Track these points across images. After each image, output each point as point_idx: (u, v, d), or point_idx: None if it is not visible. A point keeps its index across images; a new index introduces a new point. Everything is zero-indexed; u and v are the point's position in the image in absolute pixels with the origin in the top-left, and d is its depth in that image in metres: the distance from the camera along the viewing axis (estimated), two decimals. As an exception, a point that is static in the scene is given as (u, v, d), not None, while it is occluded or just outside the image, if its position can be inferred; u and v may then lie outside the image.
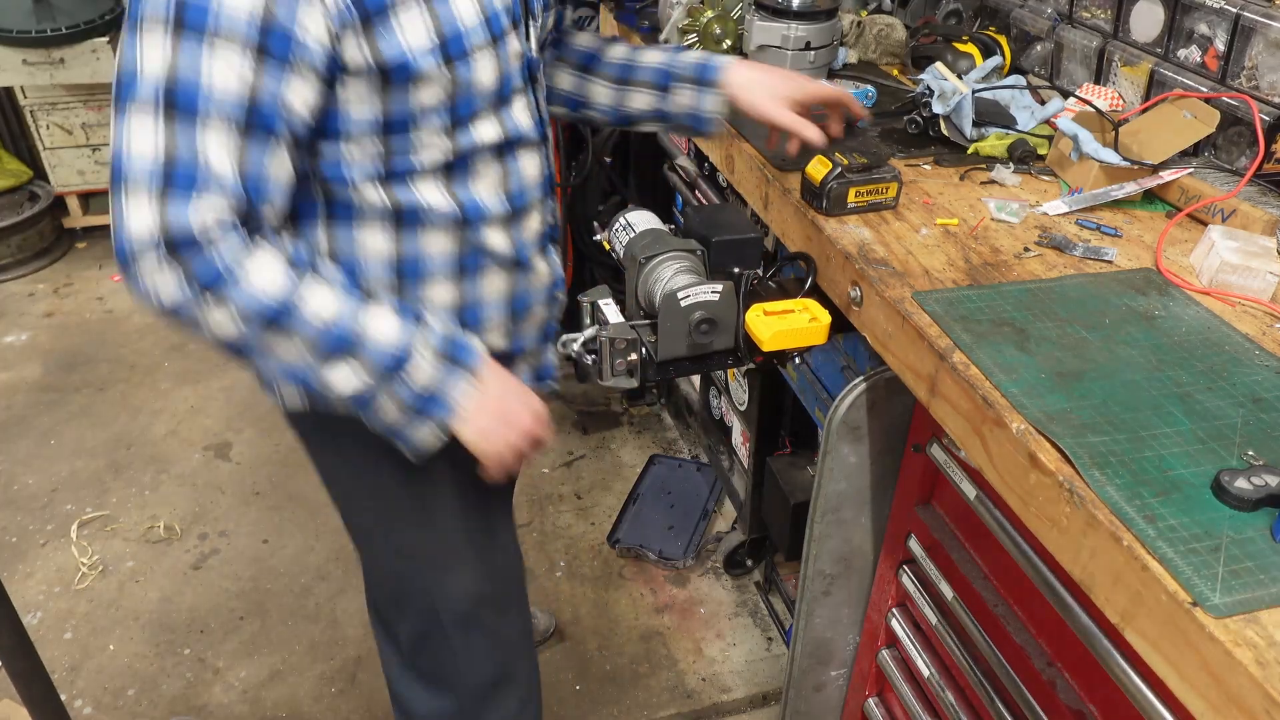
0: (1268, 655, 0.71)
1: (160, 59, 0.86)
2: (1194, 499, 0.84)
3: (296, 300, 0.94)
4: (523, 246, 1.16)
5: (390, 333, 0.99)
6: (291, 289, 0.94)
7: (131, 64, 0.87)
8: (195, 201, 0.88)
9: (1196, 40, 1.47)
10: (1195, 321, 1.10)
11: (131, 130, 0.87)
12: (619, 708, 2.04)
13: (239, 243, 0.91)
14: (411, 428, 1.04)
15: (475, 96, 1.03)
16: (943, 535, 1.23)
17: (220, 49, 0.86)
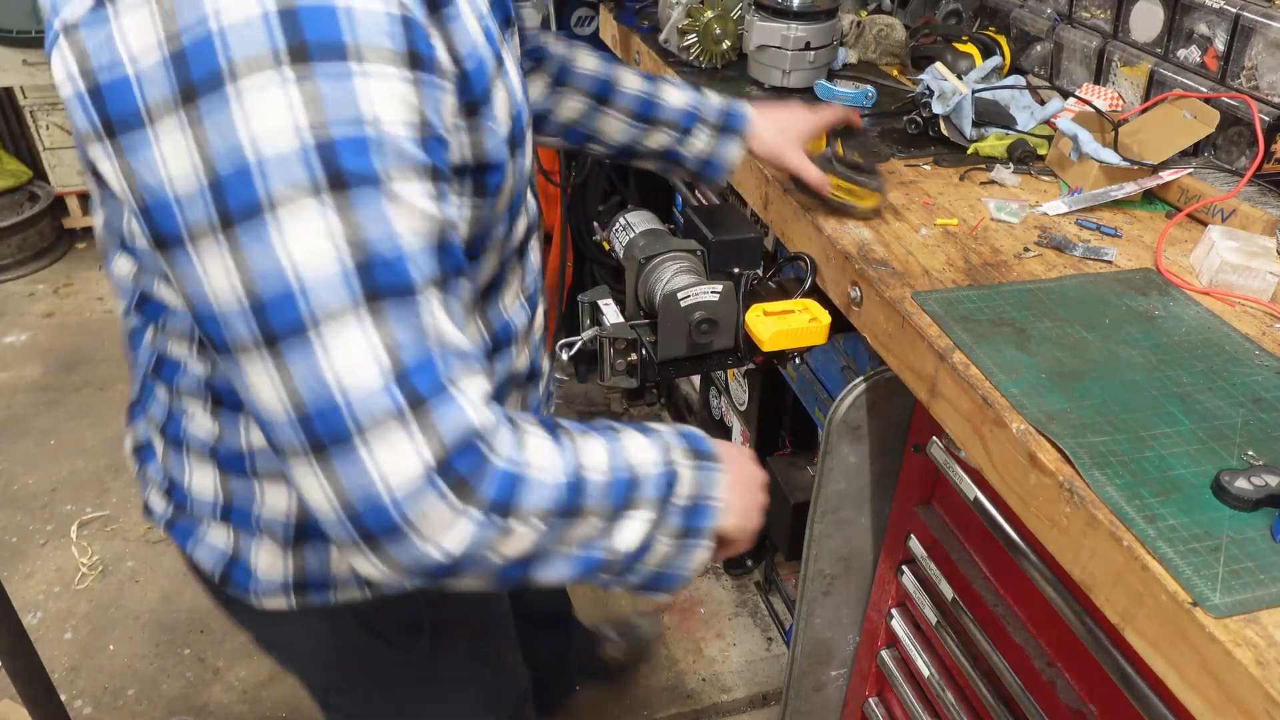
0: (1268, 655, 0.71)
1: (329, 244, 0.60)
2: (1194, 499, 0.84)
3: (579, 466, 0.73)
4: (536, 351, 1.00)
5: (648, 451, 0.79)
6: (568, 453, 0.73)
7: (273, 274, 0.60)
8: (456, 397, 0.65)
9: (1196, 40, 1.47)
10: (1195, 321, 1.10)
11: (330, 359, 0.61)
12: (619, 708, 2.04)
13: (506, 425, 0.70)
14: (684, 556, 0.82)
15: (524, 188, 0.86)
16: (943, 535, 1.23)
17: (399, 188, 0.62)
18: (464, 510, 0.65)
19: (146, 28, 0.59)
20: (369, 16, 0.61)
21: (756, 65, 1.72)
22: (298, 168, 0.59)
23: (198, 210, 0.60)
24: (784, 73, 1.68)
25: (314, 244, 0.60)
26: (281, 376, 0.62)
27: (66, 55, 0.62)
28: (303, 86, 0.59)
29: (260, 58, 0.58)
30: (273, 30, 0.58)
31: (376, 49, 0.61)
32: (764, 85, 1.72)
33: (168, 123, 0.59)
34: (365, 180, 0.61)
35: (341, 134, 0.60)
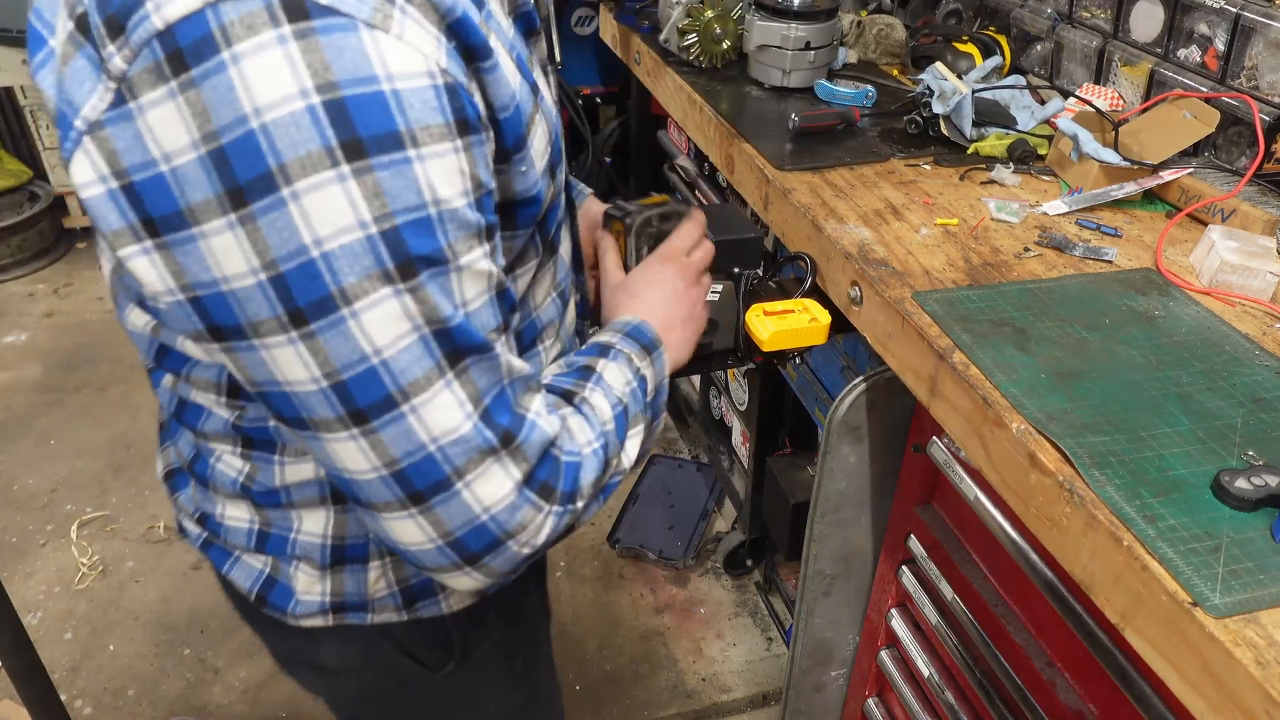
0: (1267, 655, 0.71)
1: (407, 324, 0.62)
2: (1194, 499, 0.84)
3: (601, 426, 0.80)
4: (570, 342, 1.00)
5: (622, 373, 0.86)
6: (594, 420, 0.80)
7: (355, 360, 0.62)
8: (531, 418, 0.71)
9: (1196, 40, 1.47)
10: (1195, 321, 1.10)
11: (422, 423, 0.64)
12: (619, 708, 2.04)
13: (561, 425, 0.76)
14: (653, 433, 0.90)
15: (559, 196, 0.86)
16: (943, 535, 1.23)
17: (464, 259, 0.64)
18: (549, 510, 0.73)
19: (176, 125, 0.56)
20: (417, 96, 0.59)
21: (756, 65, 1.72)
22: (367, 260, 0.59)
23: (261, 307, 0.60)
24: (784, 73, 1.68)
25: (392, 327, 0.61)
26: (373, 447, 0.65)
27: (94, 155, 0.59)
28: (362, 181, 0.58)
29: (313, 157, 0.56)
30: (322, 126, 0.56)
31: (429, 129, 0.60)
32: (764, 85, 1.72)
33: (216, 223, 0.58)
34: (433, 261, 0.62)
35: (406, 220, 0.60)
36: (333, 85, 0.56)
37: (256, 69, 0.55)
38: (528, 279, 0.84)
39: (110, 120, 0.57)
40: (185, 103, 0.56)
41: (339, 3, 0.56)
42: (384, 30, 0.57)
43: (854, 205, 1.33)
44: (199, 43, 0.54)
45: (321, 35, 0.55)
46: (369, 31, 0.57)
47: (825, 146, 1.50)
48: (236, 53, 0.54)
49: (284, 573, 0.89)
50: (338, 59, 0.56)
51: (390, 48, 0.57)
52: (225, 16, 0.54)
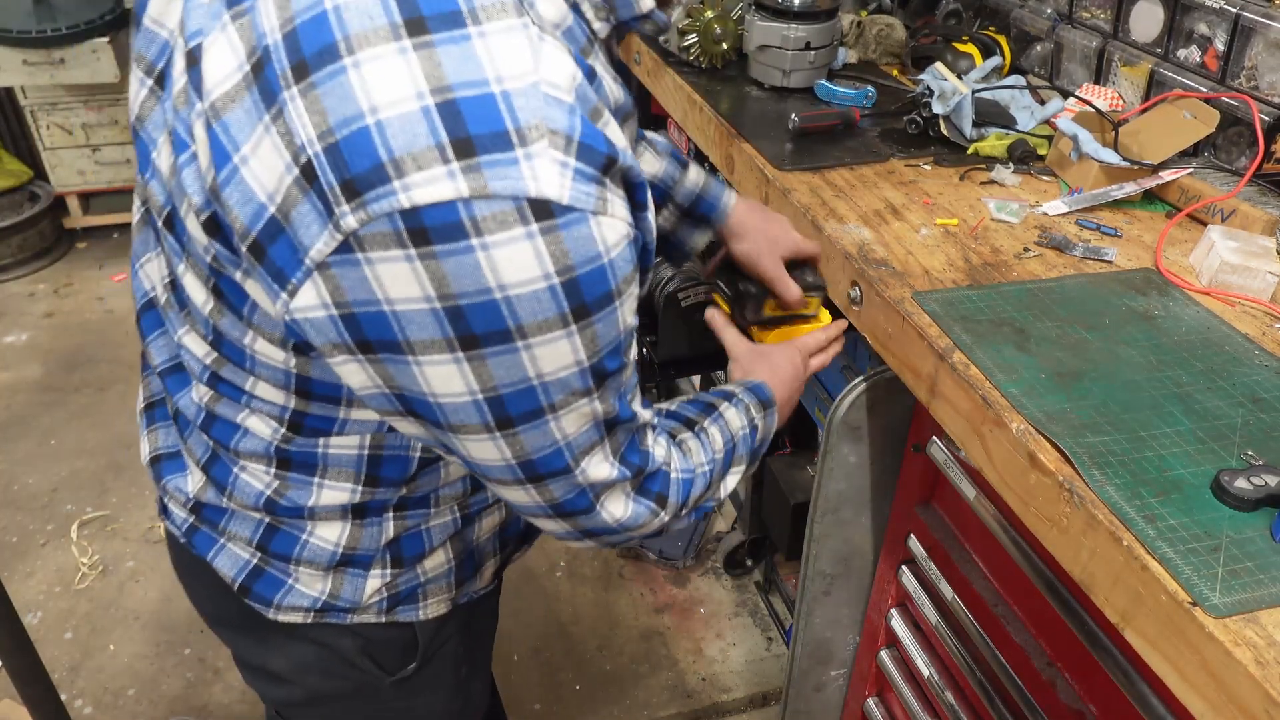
0: (1267, 655, 0.71)
1: (589, 421, 0.74)
2: (1194, 499, 0.84)
3: (712, 455, 0.93)
4: None
5: (739, 418, 0.99)
6: (706, 448, 0.93)
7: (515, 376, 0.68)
8: (638, 414, 0.82)
9: (1196, 40, 1.47)
10: (1195, 321, 1.10)
11: (588, 475, 0.77)
12: (619, 708, 2.04)
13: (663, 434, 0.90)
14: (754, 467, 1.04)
15: None
16: (943, 535, 1.23)
17: (630, 357, 0.76)
18: (635, 497, 0.83)
19: (409, 281, 0.61)
20: (622, 257, 0.66)
21: (756, 65, 1.72)
22: (575, 384, 0.70)
23: (471, 416, 0.69)
24: (784, 73, 1.68)
25: (562, 358, 0.68)
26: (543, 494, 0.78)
27: (321, 287, 0.63)
28: (584, 334, 0.67)
29: (550, 320, 0.64)
30: (560, 300, 0.64)
31: (629, 279, 0.68)
32: (764, 85, 1.72)
33: (439, 357, 0.65)
34: (619, 371, 0.74)
35: (609, 351, 0.70)
36: (570, 268, 0.63)
37: (506, 257, 0.60)
38: None
39: (336, 263, 0.61)
40: (424, 269, 0.60)
41: (576, 200, 0.62)
42: (604, 214, 0.64)
43: (854, 205, 1.33)
44: (448, 227, 0.59)
45: (563, 230, 0.61)
46: (594, 219, 0.63)
47: (825, 146, 1.50)
48: (487, 241, 0.60)
49: (277, 567, 0.90)
50: (575, 248, 0.63)
51: (608, 227, 0.64)
52: (478, 212, 0.59)
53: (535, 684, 2.08)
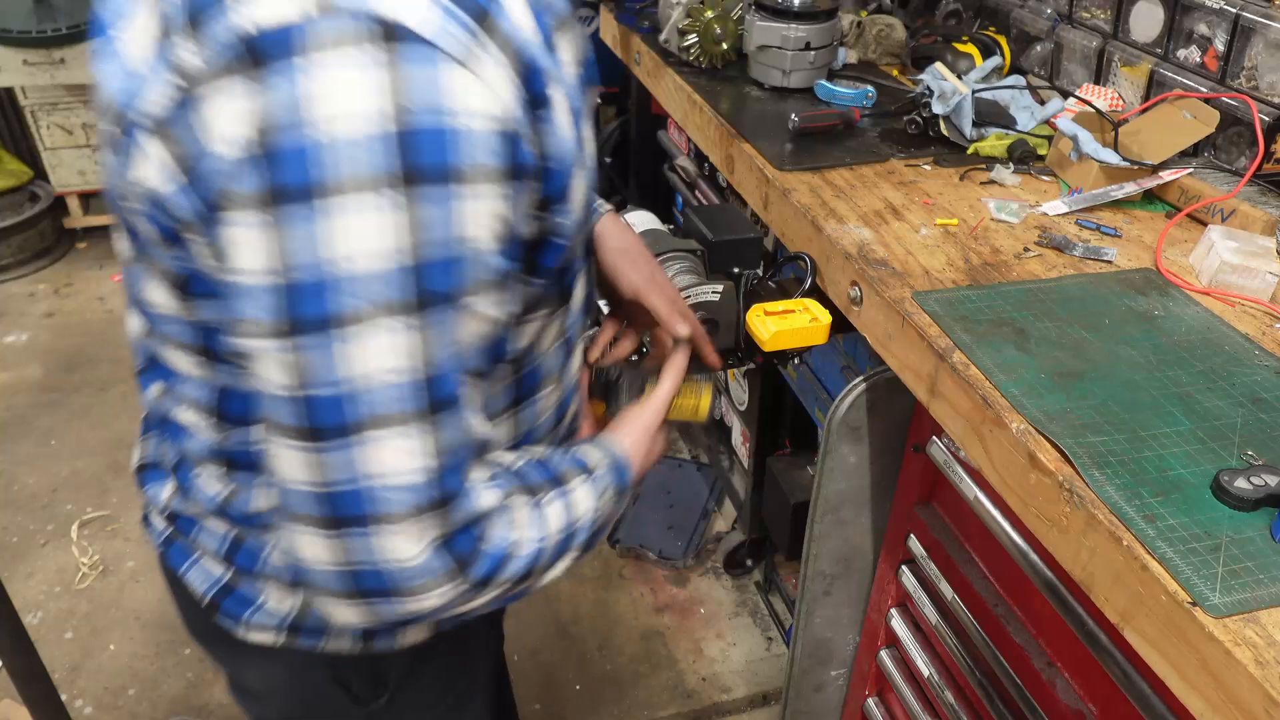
0: (1267, 655, 0.71)
1: (404, 356, 0.61)
2: (1194, 499, 0.84)
3: (548, 532, 0.77)
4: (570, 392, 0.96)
5: (589, 499, 0.83)
6: (543, 521, 0.77)
7: (332, 383, 0.60)
8: (470, 489, 0.68)
9: (1196, 40, 1.47)
10: (1195, 321, 1.10)
11: (370, 459, 0.62)
12: (619, 708, 2.04)
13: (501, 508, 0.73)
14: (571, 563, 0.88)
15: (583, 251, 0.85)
16: (943, 535, 1.23)
17: (473, 301, 0.64)
18: (451, 584, 0.68)
19: (234, 120, 0.56)
20: (481, 139, 0.59)
21: (756, 65, 1.73)
22: (386, 289, 0.58)
23: (259, 306, 0.59)
24: (784, 73, 1.68)
25: (383, 360, 0.60)
26: (321, 467, 0.63)
27: (162, 147, 0.60)
28: (409, 210, 0.58)
29: (367, 177, 0.56)
30: (388, 152, 0.56)
31: (482, 169, 0.60)
32: (764, 85, 1.72)
33: (243, 216, 0.58)
34: (448, 300, 0.61)
35: (436, 255, 0.59)
36: (406, 111, 0.56)
37: (332, 81, 0.55)
38: (537, 325, 0.82)
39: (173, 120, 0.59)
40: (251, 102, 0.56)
41: (436, 38, 0.56)
42: (468, 68, 0.57)
43: (854, 205, 1.33)
44: (280, 45, 0.55)
45: (409, 65, 0.55)
46: (452, 67, 0.57)
47: (825, 146, 1.50)
48: (315, 60, 0.54)
49: (245, 584, 0.87)
50: (418, 91, 0.56)
51: (469, 87, 0.57)
52: (315, 28, 0.55)
53: (535, 684, 2.08)
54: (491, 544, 0.71)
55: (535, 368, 0.86)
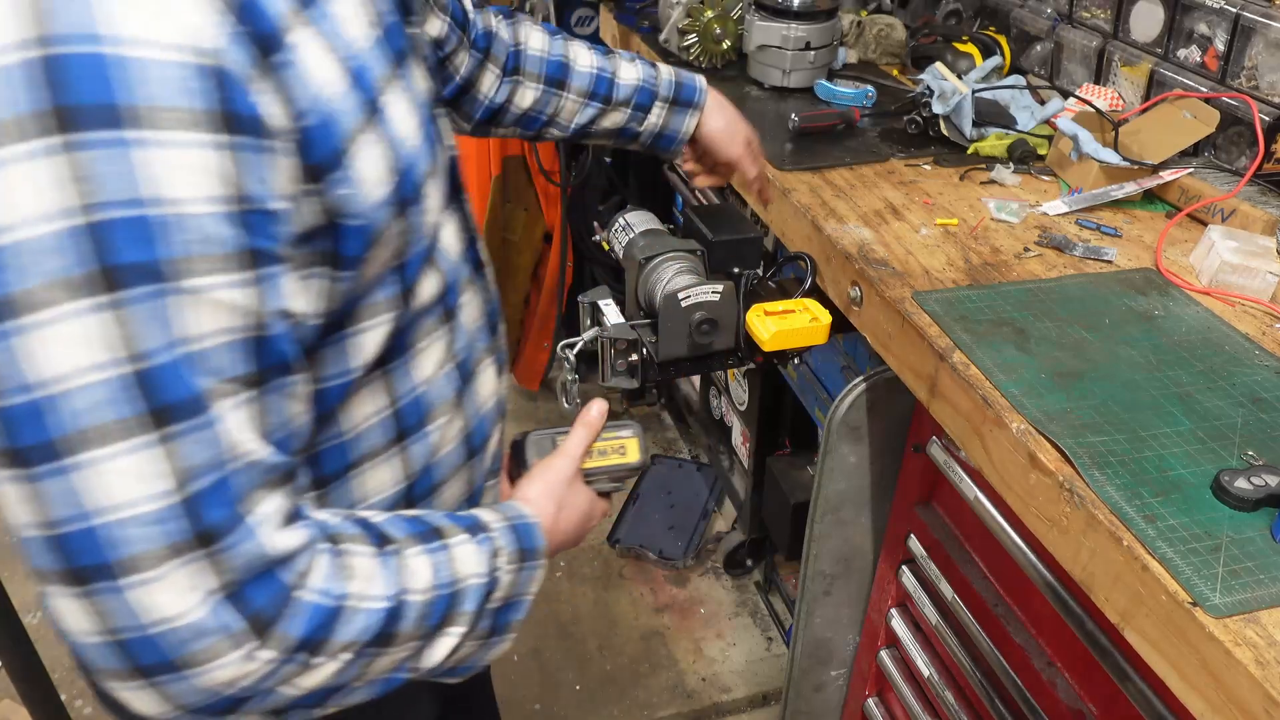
0: (1267, 655, 0.71)
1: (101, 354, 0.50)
2: (1194, 499, 0.84)
3: (403, 588, 0.66)
4: (482, 421, 0.88)
5: (476, 562, 0.72)
6: (393, 573, 0.66)
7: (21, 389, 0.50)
8: (251, 522, 0.56)
9: (1196, 40, 1.47)
10: (1195, 321, 1.10)
11: (95, 485, 0.51)
12: (619, 708, 2.04)
13: (323, 547, 0.62)
14: (486, 653, 0.78)
15: (425, 245, 0.72)
16: (943, 535, 1.23)
17: (196, 282, 0.52)
18: (257, 647, 0.57)
19: None
20: (159, 70, 0.49)
21: (756, 65, 1.72)
22: (57, 261, 0.48)
23: None
24: (784, 73, 1.68)
25: (76, 356, 0.49)
26: (39, 499, 0.52)
27: None
28: (70, 159, 0.48)
29: (9, 122, 0.48)
30: (31, 86, 0.47)
31: (169, 111, 0.50)
32: (764, 85, 1.72)
33: None
34: (146, 275, 0.50)
35: (116, 217, 0.49)
36: (45, 40, 0.47)
37: None
38: (380, 335, 0.70)
39: None
40: None
41: None
42: None
43: (854, 205, 1.33)
44: None
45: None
46: None
47: (825, 146, 1.50)
48: None
49: None
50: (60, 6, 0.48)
51: (135, 5, 0.49)
52: None
53: (535, 684, 2.08)
54: (309, 594, 0.59)
55: (417, 397, 0.77)
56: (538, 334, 2.67)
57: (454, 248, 0.80)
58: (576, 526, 0.87)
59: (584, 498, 0.89)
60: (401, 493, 0.79)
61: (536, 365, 2.72)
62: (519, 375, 2.77)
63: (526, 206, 2.47)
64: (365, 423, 0.73)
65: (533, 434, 0.94)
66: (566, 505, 0.86)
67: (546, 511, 0.83)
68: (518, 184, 2.43)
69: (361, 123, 0.61)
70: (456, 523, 0.74)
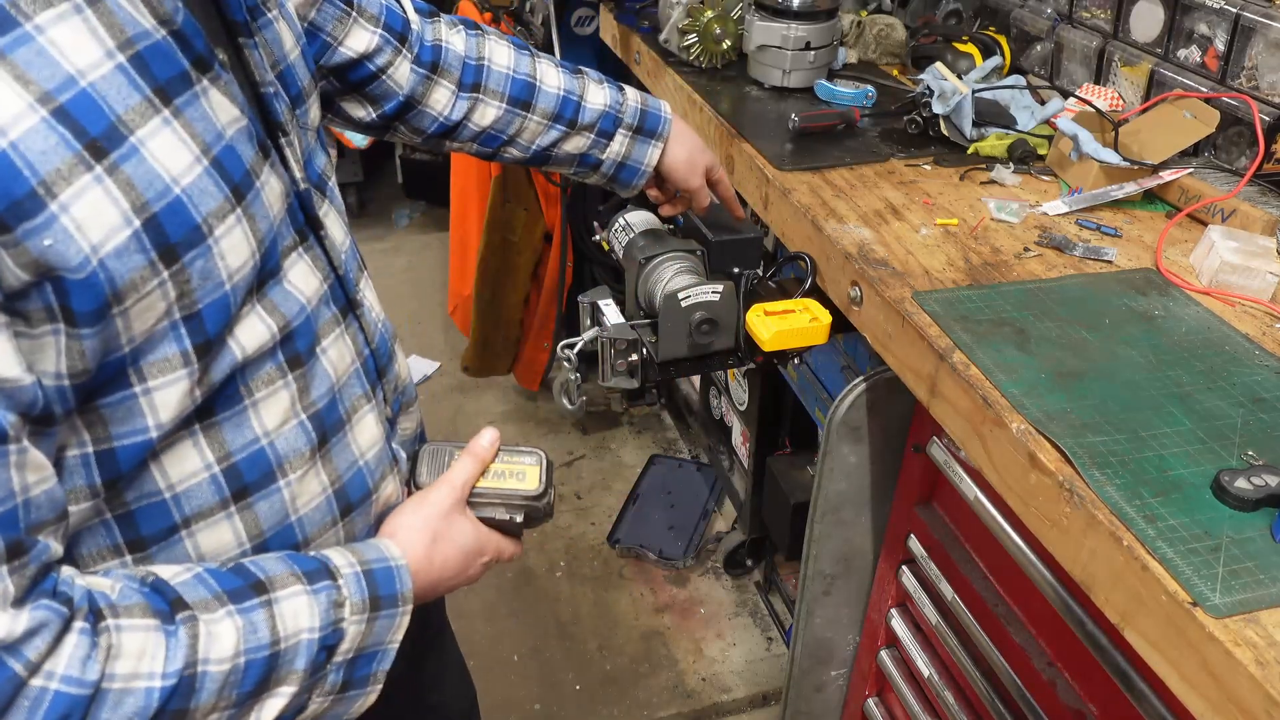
0: (1268, 655, 0.71)
1: None
2: (1194, 499, 0.84)
3: (192, 660, 0.62)
4: (361, 473, 0.82)
5: (307, 616, 0.68)
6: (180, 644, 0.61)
7: None
8: None
9: (1196, 40, 1.47)
10: (1195, 321, 1.10)
11: None
12: (619, 708, 2.04)
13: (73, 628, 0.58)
14: (347, 705, 0.74)
15: (225, 291, 0.65)
16: (943, 535, 1.23)
17: None
18: None
19: None
20: None
21: (756, 65, 1.72)
22: None
23: None
24: (784, 73, 1.68)
25: None
26: None
27: None
28: None
29: None
30: None
31: None
32: (764, 85, 1.72)
33: None
34: None
35: None
36: None
37: None
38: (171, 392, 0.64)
39: None
40: None
41: None
42: None
43: (854, 205, 1.33)
44: None
45: None
46: None
47: (825, 146, 1.50)
48: None
49: None
50: None
51: None
52: None
53: (535, 684, 2.08)
54: (49, 682, 0.55)
55: (254, 454, 0.71)
56: (538, 334, 2.67)
57: (307, 289, 0.74)
58: (458, 563, 0.82)
59: (467, 532, 0.83)
60: (249, 553, 0.73)
61: (536, 365, 2.72)
62: (519, 375, 2.77)
63: (526, 206, 2.47)
64: (190, 480, 0.68)
65: (429, 445, 0.89)
66: (443, 539, 0.80)
67: (416, 547, 0.78)
68: (518, 184, 2.43)
69: (73, 163, 0.55)
70: (294, 567, 0.69)
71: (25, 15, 0.54)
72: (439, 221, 3.51)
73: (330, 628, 0.68)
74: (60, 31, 0.56)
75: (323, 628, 0.68)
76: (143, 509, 0.67)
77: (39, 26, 0.55)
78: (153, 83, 0.60)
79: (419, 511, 0.81)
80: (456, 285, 2.69)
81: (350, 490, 0.80)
